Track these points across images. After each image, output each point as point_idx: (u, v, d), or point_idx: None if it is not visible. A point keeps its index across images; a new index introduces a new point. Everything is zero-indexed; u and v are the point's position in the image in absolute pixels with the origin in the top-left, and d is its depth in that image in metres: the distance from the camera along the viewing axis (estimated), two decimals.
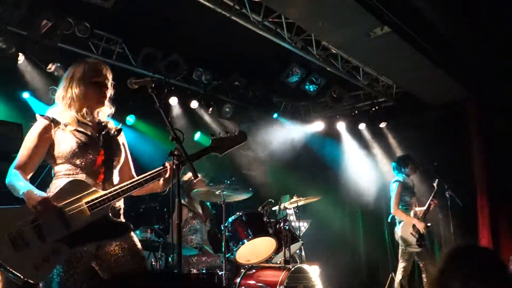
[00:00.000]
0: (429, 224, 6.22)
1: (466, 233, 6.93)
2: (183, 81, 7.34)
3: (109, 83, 2.88)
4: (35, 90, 6.22)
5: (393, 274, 7.38)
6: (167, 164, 2.77)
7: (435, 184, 6.41)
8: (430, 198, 6.33)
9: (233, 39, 6.25)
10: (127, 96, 5.45)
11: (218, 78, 7.57)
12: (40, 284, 2.61)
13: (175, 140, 2.65)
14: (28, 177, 2.71)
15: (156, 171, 2.79)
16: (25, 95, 6.23)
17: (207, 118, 8.15)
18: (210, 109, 7.93)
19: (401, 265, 6.23)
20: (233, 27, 5.70)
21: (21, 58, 5.77)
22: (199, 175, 3.15)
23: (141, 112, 7.04)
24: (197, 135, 8.39)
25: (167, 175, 2.79)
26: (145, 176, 2.79)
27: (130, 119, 7.17)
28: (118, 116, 3.14)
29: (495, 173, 7.26)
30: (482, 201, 7.31)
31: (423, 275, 6.18)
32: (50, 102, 6.11)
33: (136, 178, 2.82)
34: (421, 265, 6.26)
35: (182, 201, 5.42)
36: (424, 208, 6.30)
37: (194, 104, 7.63)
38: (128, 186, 2.73)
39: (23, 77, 6.02)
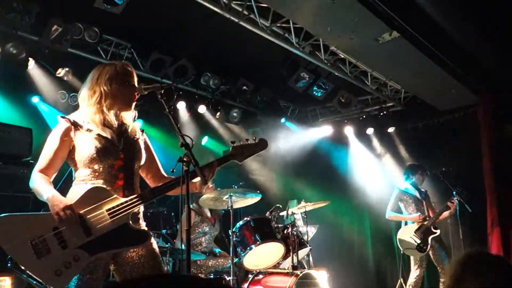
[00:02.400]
0: (438, 231, 6.17)
1: (475, 239, 6.87)
2: (191, 85, 7.37)
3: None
4: (44, 95, 6.30)
5: (401, 280, 7.32)
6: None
7: (455, 198, 6.24)
8: (444, 205, 6.25)
9: (241, 44, 6.26)
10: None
11: (226, 83, 7.59)
12: None
13: (184, 146, 2.63)
14: (51, 179, 2.68)
15: (176, 178, 2.72)
16: (35, 99, 6.31)
17: (214, 122, 8.16)
18: (218, 113, 7.95)
19: (413, 269, 6.18)
20: (241, 32, 5.71)
21: (31, 63, 5.82)
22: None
23: (149, 116, 7.06)
24: (205, 140, 8.41)
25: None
26: (167, 183, 2.75)
27: (138, 123, 7.16)
28: None
29: (505, 178, 7.19)
30: (492, 207, 7.23)
31: (441, 280, 6.09)
32: (59, 106, 6.23)
33: (158, 185, 2.78)
34: (439, 269, 6.20)
35: (190, 206, 5.47)
36: (434, 214, 6.25)
37: (202, 108, 7.65)
38: (149, 193, 2.71)
39: (33, 82, 6.09)
